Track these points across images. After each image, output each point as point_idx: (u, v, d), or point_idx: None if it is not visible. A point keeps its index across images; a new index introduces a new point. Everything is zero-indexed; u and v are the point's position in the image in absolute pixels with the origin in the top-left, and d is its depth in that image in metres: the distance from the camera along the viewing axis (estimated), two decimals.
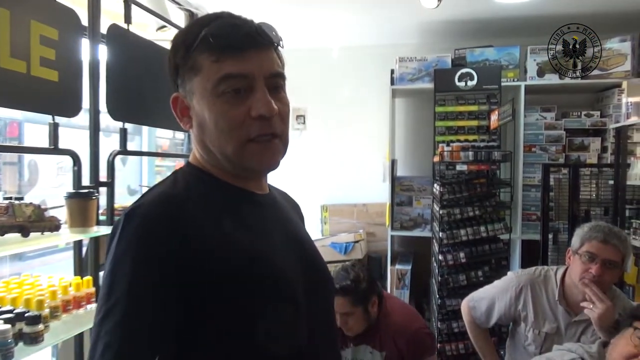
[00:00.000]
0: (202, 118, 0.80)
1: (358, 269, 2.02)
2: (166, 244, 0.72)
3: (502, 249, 2.79)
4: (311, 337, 0.83)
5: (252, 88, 0.78)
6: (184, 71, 0.80)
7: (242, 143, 0.78)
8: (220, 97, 0.77)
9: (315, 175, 3.81)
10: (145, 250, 0.72)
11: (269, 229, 0.86)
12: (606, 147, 3.11)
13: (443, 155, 2.83)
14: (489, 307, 2.05)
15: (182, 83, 0.82)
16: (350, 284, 1.93)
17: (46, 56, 1.71)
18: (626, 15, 2.99)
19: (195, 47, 0.78)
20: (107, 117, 2.05)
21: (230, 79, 0.77)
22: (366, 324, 1.95)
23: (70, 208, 1.73)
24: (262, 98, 0.77)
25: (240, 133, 0.78)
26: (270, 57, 0.80)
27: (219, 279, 0.74)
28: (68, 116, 1.85)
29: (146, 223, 0.73)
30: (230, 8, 0.84)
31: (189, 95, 0.81)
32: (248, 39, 0.78)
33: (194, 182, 0.83)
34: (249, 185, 0.86)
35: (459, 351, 2.73)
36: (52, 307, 1.60)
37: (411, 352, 1.93)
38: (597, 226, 1.82)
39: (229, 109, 0.77)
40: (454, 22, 3.19)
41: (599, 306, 1.63)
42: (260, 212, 0.86)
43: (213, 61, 0.77)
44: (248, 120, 0.78)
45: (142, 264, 0.71)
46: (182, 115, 0.84)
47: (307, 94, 3.82)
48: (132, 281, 0.70)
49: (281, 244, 0.86)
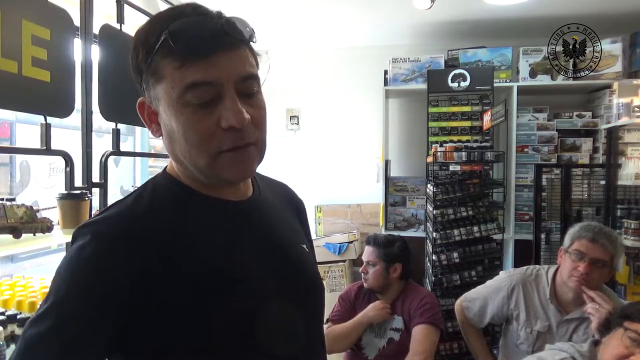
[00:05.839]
0: (170, 128, 0.74)
1: (400, 239, 2.30)
2: (113, 266, 0.69)
3: (495, 249, 2.81)
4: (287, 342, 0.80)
5: (221, 96, 0.71)
6: (147, 76, 0.74)
7: (214, 155, 0.73)
8: (187, 106, 0.71)
9: (309, 176, 3.81)
10: (88, 272, 0.70)
11: (240, 238, 0.80)
12: (598, 148, 3.14)
13: (436, 155, 2.84)
14: (482, 307, 2.06)
15: (147, 88, 0.76)
16: (383, 239, 2.24)
17: (38, 56, 1.70)
18: (617, 17, 3.01)
19: (156, 50, 0.71)
20: (99, 118, 2.04)
21: (196, 88, 0.70)
22: (381, 283, 2.19)
23: (63, 209, 1.72)
24: (232, 107, 0.71)
25: (211, 145, 0.72)
26: (240, 58, 0.73)
27: (177, 293, 0.71)
28: (60, 117, 1.84)
29: (94, 243, 0.70)
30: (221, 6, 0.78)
31: (154, 101, 0.76)
32: (214, 41, 0.70)
33: (160, 196, 0.79)
34: (224, 193, 0.81)
35: (453, 351, 2.74)
36: None
37: (416, 313, 2.12)
38: (588, 226, 1.84)
39: (197, 121, 0.71)
40: (447, 23, 3.20)
41: (606, 307, 1.64)
42: (231, 221, 0.81)
43: (176, 67, 0.70)
44: (219, 132, 0.71)
45: (80, 281, 0.70)
46: (151, 121, 0.79)
47: (301, 95, 3.83)
48: (65, 298, 0.69)
49: (254, 253, 0.81)
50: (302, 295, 0.85)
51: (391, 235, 2.33)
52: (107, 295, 0.69)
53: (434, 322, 2.10)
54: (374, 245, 2.23)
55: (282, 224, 0.91)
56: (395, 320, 2.18)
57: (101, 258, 0.70)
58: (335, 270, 3.31)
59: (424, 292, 2.25)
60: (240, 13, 0.78)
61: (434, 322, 2.11)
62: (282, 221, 0.92)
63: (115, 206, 0.78)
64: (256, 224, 0.84)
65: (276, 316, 0.78)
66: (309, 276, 0.89)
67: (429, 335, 2.08)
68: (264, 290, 0.79)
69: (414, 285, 2.29)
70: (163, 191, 0.80)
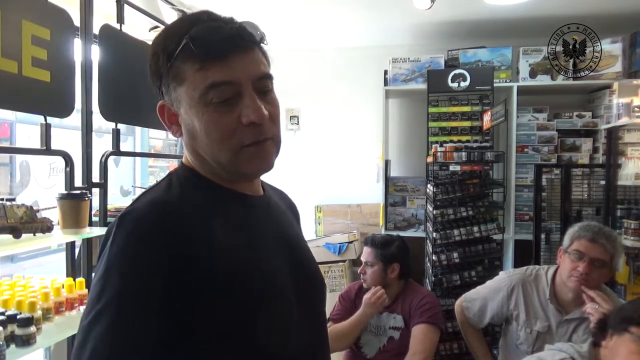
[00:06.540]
0: (192, 127, 0.79)
1: (398, 239, 2.31)
2: (158, 251, 0.71)
3: (495, 249, 2.80)
4: (303, 340, 0.83)
5: (240, 94, 0.76)
6: (168, 80, 0.78)
7: (236, 150, 0.78)
8: (209, 105, 0.76)
9: (309, 176, 3.81)
10: (136, 257, 0.71)
11: (261, 232, 0.85)
12: (597, 148, 3.14)
13: (436, 155, 2.84)
14: (482, 307, 2.06)
15: (167, 91, 0.80)
16: (381, 239, 2.25)
17: (38, 56, 1.70)
18: (617, 17, 3.01)
19: (176, 55, 0.75)
20: (99, 118, 2.04)
21: (217, 87, 0.75)
22: (380, 283, 2.19)
23: (63, 209, 1.72)
24: (251, 104, 0.76)
25: (233, 141, 0.77)
26: (255, 59, 0.79)
27: (211, 285, 0.73)
28: (60, 117, 1.84)
29: (138, 230, 0.73)
30: (223, 8, 0.82)
31: (175, 103, 0.80)
32: (231, 43, 0.75)
33: (187, 186, 0.82)
34: (242, 188, 0.85)
35: (453, 351, 2.74)
36: (45, 309, 1.59)
37: (416, 312, 2.13)
38: (588, 226, 1.84)
39: (219, 118, 0.76)
40: (446, 23, 3.20)
41: (605, 306, 1.64)
42: (252, 215, 0.85)
43: (197, 69, 0.75)
44: (240, 128, 0.76)
45: (133, 271, 0.70)
46: (171, 123, 0.83)
47: (301, 95, 3.82)
48: (123, 287, 0.69)
49: (273, 247, 0.85)
50: (311, 292, 0.90)
51: (389, 235, 2.33)
52: (157, 274, 0.70)
53: (434, 322, 2.10)
54: (371, 245, 2.24)
55: (290, 224, 0.97)
56: (395, 318, 2.18)
57: (147, 243, 0.72)
58: (335, 270, 3.31)
59: (424, 292, 2.26)
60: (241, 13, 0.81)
61: (434, 321, 2.11)
62: (289, 221, 0.97)
63: (149, 193, 0.81)
64: (273, 219, 0.90)
65: (293, 310, 0.82)
66: (317, 272, 0.95)
67: (428, 334, 2.08)
68: (284, 283, 0.83)
69: (415, 284, 2.30)
70: (187, 182, 0.83)
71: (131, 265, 0.71)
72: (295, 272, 0.86)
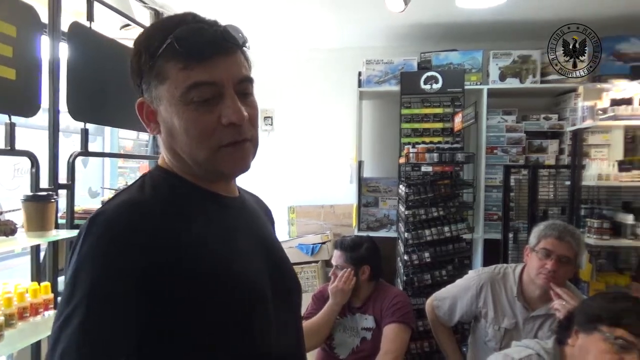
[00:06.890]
0: (172, 125, 0.79)
1: (368, 240, 2.27)
2: (130, 253, 0.71)
3: (465, 248, 2.86)
4: (280, 340, 0.83)
5: (221, 95, 0.77)
6: (149, 78, 0.79)
7: (214, 149, 0.78)
8: (190, 104, 0.77)
9: (282, 177, 3.81)
10: (107, 259, 0.70)
11: (238, 232, 0.85)
12: (563, 149, 3.24)
13: (409, 156, 2.88)
14: (451, 306, 2.10)
15: (148, 89, 0.80)
16: (350, 242, 2.23)
17: (3, 53, 1.65)
18: (584, 23, 3.11)
19: (160, 53, 0.76)
20: (67, 117, 1.99)
21: (199, 87, 0.76)
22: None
23: (28, 211, 1.67)
24: (232, 105, 0.77)
25: (212, 140, 0.78)
26: (237, 62, 0.80)
27: (184, 286, 0.73)
28: (25, 116, 1.79)
29: (109, 231, 0.72)
30: (198, 8, 0.83)
31: (155, 101, 0.80)
32: (215, 45, 0.77)
33: (161, 186, 0.82)
34: (218, 188, 0.86)
35: (424, 349, 2.78)
36: (7, 315, 1.54)
37: (388, 312, 2.14)
38: (553, 224, 1.90)
39: (199, 117, 0.77)
40: (419, 25, 3.25)
41: (572, 303, 1.69)
42: (228, 215, 0.86)
43: (180, 69, 0.76)
44: (219, 128, 0.77)
45: (103, 272, 0.70)
46: (149, 120, 0.83)
47: (275, 95, 3.82)
48: (92, 289, 0.69)
49: (250, 247, 0.86)
50: (288, 293, 0.91)
51: (358, 237, 2.32)
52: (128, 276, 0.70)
53: (404, 321, 2.13)
54: (341, 249, 2.23)
55: (264, 226, 0.97)
56: (367, 319, 2.20)
57: (117, 245, 0.71)
58: (308, 271, 3.31)
59: (395, 292, 2.28)
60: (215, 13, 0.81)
61: (405, 321, 2.13)
62: (264, 223, 0.98)
63: (121, 195, 0.81)
64: (248, 220, 0.90)
65: (270, 312, 0.82)
66: (292, 274, 0.96)
67: (399, 334, 2.11)
68: (263, 284, 0.83)
69: (386, 285, 2.31)
70: (161, 182, 0.83)
71: (102, 267, 0.70)
72: (272, 273, 0.86)
